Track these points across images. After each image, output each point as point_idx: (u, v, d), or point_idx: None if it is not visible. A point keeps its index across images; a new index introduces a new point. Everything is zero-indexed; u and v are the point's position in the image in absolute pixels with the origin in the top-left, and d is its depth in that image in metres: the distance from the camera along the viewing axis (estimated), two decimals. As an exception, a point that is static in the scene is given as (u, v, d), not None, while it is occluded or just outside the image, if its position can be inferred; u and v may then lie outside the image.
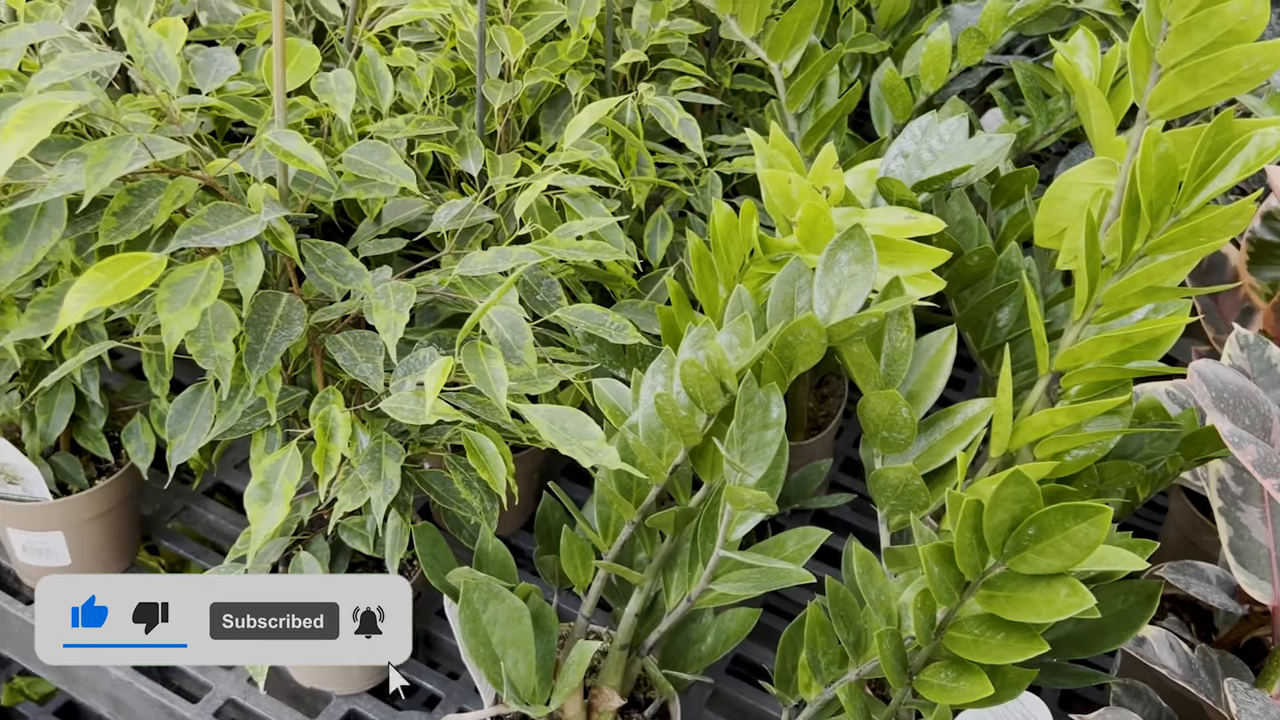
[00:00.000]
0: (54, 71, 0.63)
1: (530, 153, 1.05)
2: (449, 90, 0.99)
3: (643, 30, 1.13)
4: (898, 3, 1.24)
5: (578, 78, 1.02)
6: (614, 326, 0.78)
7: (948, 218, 0.85)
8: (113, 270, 0.61)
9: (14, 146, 0.54)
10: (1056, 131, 1.12)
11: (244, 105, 0.89)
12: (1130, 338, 0.65)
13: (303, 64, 0.73)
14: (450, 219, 0.85)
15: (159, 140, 0.66)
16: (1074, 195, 0.73)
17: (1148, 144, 0.62)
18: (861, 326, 0.66)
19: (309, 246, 0.75)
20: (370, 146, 0.74)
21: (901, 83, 1.13)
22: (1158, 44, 0.65)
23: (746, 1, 1.04)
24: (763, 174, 0.75)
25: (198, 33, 1.03)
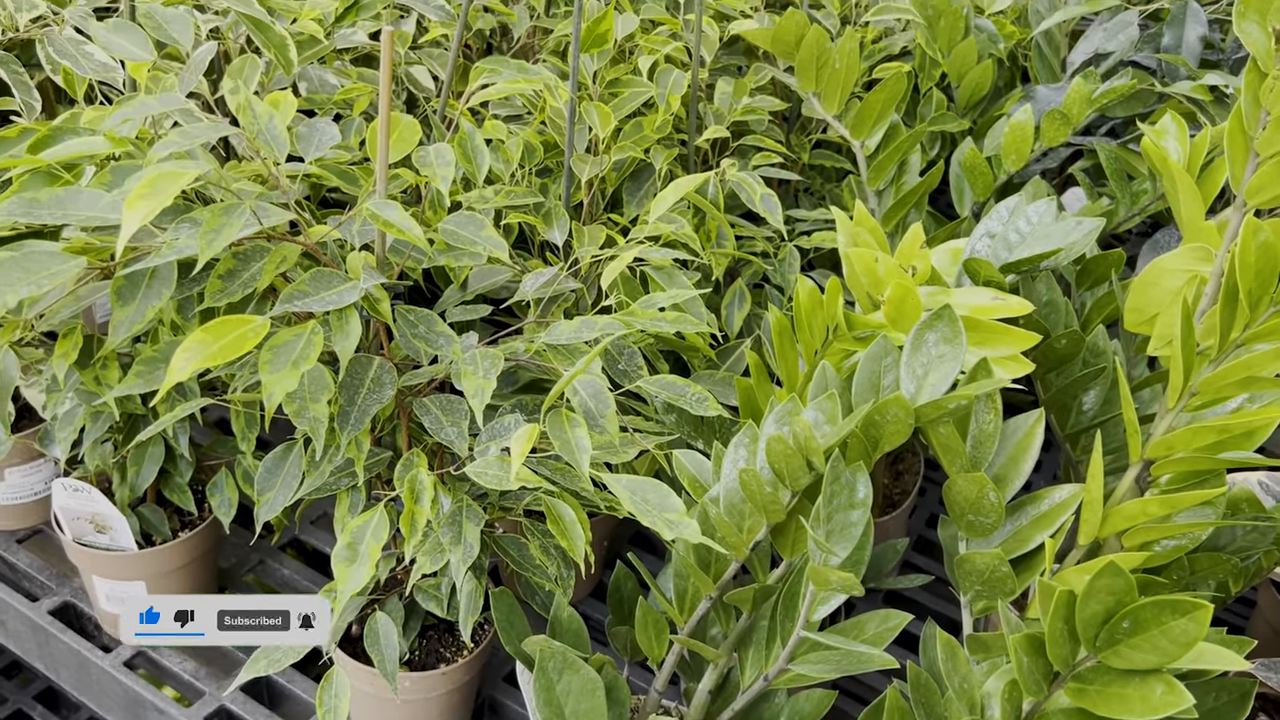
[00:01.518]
0: (173, 141, 0.66)
1: (613, 224, 1.07)
2: (536, 163, 1.02)
3: (725, 106, 1.15)
4: (979, 82, 1.25)
5: (662, 152, 1.04)
6: (695, 398, 0.78)
7: (1034, 299, 0.85)
8: (218, 332, 0.64)
9: (138, 214, 0.57)
10: (1141, 213, 1.11)
11: (341, 173, 0.93)
12: (1227, 428, 0.63)
13: (404, 137, 0.76)
14: (536, 288, 0.87)
15: (266, 207, 0.68)
16: (1166, 281, 0.72)
17: (1247, 233, 0.61)
18: (950, 408, 0.65)
19: (402, 312, 0.77)
20: (465, 218, 0.76)
21: (983, 161, 1.13)
22: (1256, 133, 0.64)
23: (830, 81, 1.06)
24: (848, 252, 0.75)
25: (298, 102, 1.08)
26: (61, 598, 1.10)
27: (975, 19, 1.30)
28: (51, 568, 1.14)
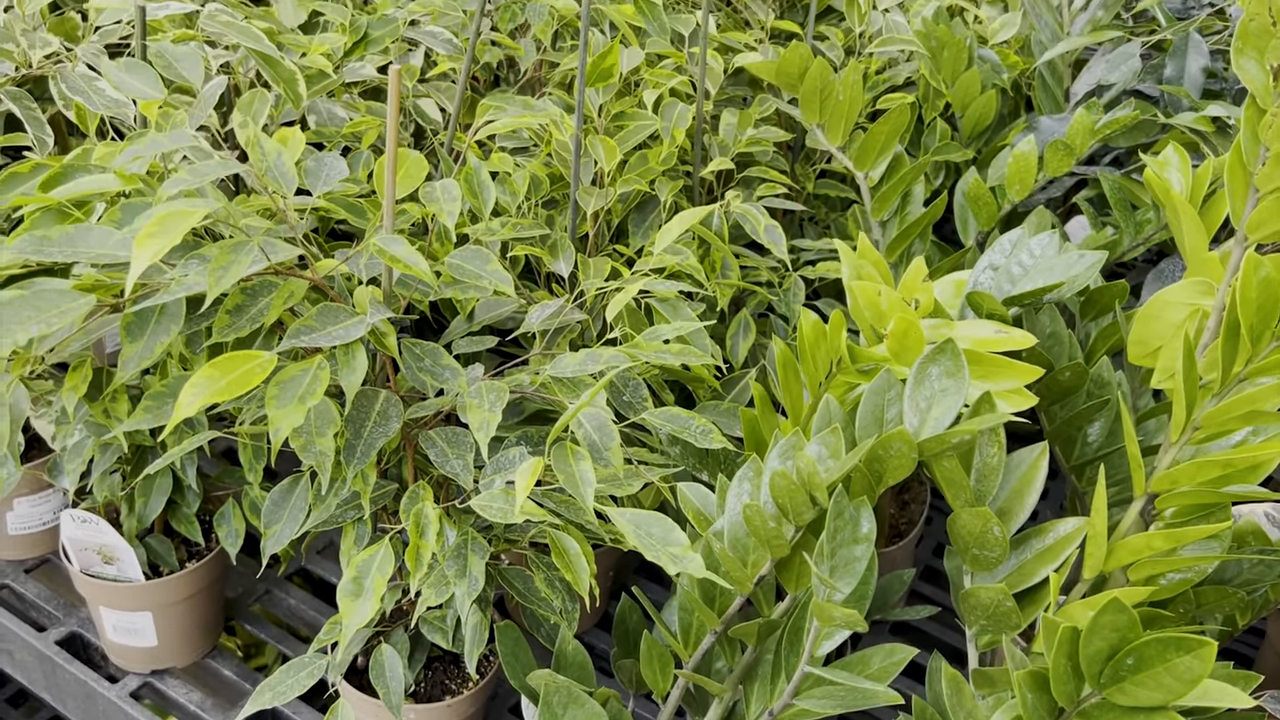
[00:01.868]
0: (182, 179, 0.67)
1: (618, 255, 1.07)
2: (543, 196, 1.02)
3: (729, 138, 1.16)
4: (982, 112, 1.25)
5: (667, 184, 1.05)
6: (699, 430, 0.79)
7: (1037, 331, 0.85)
8: (225, 367, 0.64)
9: (147, 253, 0.58)
10: (1145, 243, 1.11)
11: (349, 206, 0.94)
12: (1231, 463, 0.63)
13: (411, 172, 0.77)
14: (542, 320, 0.88)
15: (274, 243, 0.69)
16: (1168, 314, 0.72)
17: (1248, 268, 0.61)
18: (954, 443, 0.65)
19: (408, 346, 0.78)
20: (472, 252, 0.77)
21: (986, 192, 1.13)
22: (1256, 169, 0.65)
23: (834, 113, 1.06)
24: (852, 285, 0.76)
25: (306, 135, 1.09)
26: (69, 628, 1.11)
27: (979, 49, 1.31)
28: (59, 598, 1.15)
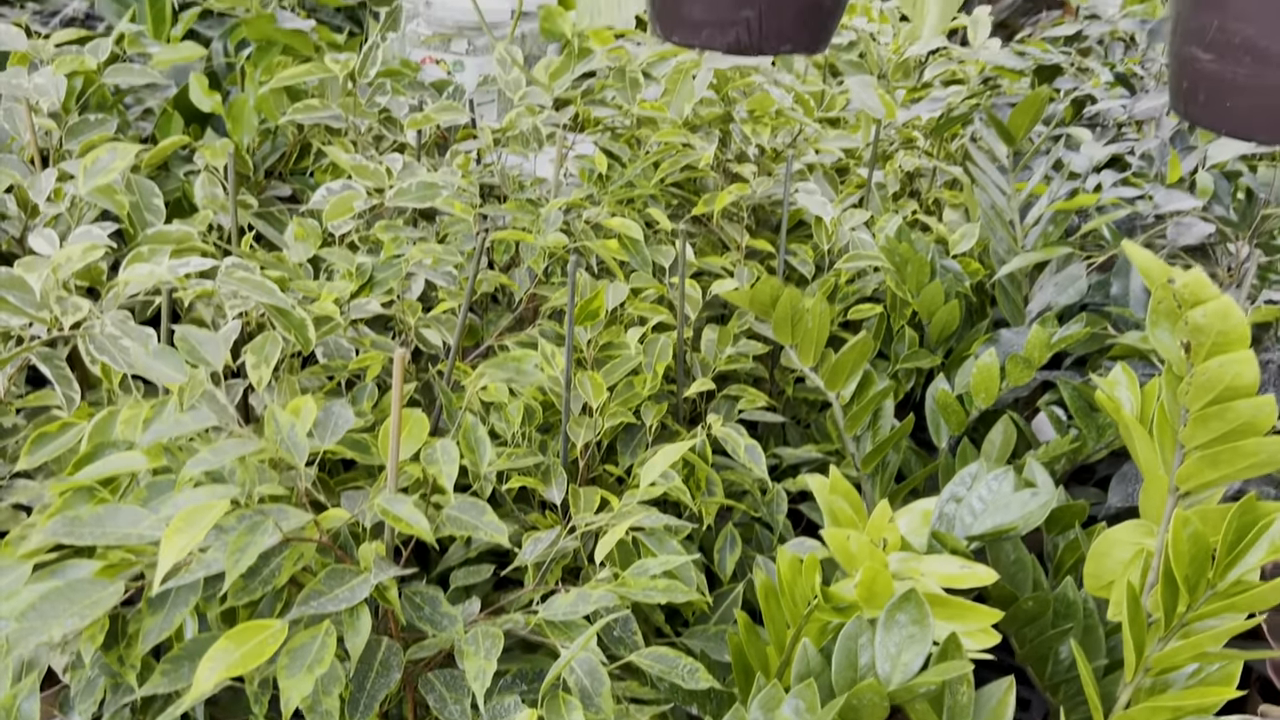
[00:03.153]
0: (204, 458, 0.73)
1: (608, 474, 1.13)
2: (537, 424, 1.09)
3: (710, 355, 1.24)
4: (947, 320, 1.34)
5: (652, 408, 1.12)
6: (686, 670, 0.83)
7: (1002, 559, 0.90)
8: (240, 639, 0.69)
9: (175, 548, 0.63)
10: (1108, 446, 1.18)
11: (354, 444, 1.00)
12: (1180, 708, 0.68)
13: (414, 432, 0.84)
14: (536, 554, 0.93)
15: (285, 512, 0.75)
16: (1116, 552, 0.78)
17: (1178, 525, 0.67)
18: (921, 692, 0.70)
19: (409, 595, 0.83)
20: (468, 504, 0.83)
21: (954, 400, 1.20)
22: (1180, 427, 0.71)
23: (805, 338, 1.14)
24: (825, 533, 0.81)
25: (314, 370, 1.16)
26: None
27: (941, 260, 1.40)
28: (63, 826, 1.15)
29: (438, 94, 1.57)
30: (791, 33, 1.01)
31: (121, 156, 1.08)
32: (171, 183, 1.37)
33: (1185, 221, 1.16)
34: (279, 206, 1.38)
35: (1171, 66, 0.88)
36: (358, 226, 1.32)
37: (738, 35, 1.00)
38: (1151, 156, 1.45)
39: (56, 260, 1.02)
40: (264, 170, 1.46)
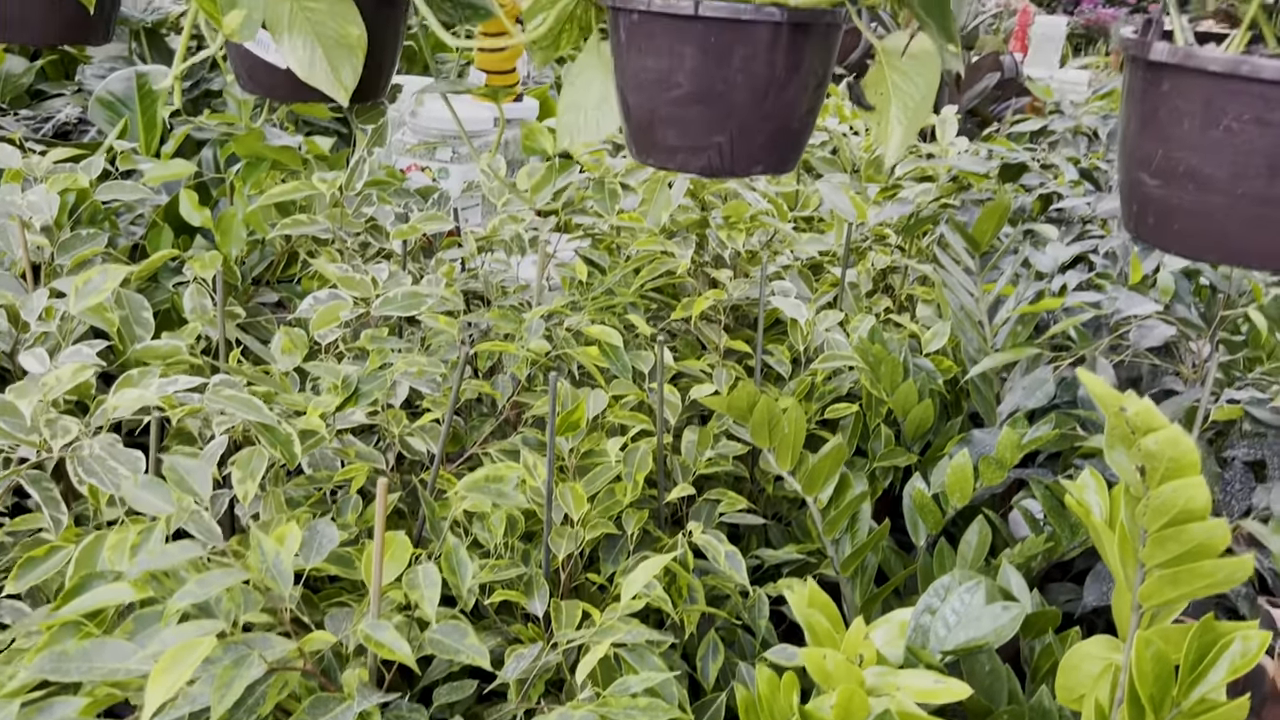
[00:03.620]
0: (191, 590, 0.75)
1: (590, 582, 1.15)
2: (520, 534, 1.11)
3: (690, 458, 1.26)
4: (922, 417, 1.37)
5: (633, 516, 1.14)
6: (669, 791, 0.84)
7: (976, 671, 0.92)
8: (225, 773, 0.70)
9: (161, 689, 0.65)
10: (1081, 545, 1.20)
11: (338, 559, 1.02)
12: (1152, 828, 0.69)
13: (397, 555, 0.85)
14: (518, 672, 0.94)
15: (270, 641, 0.76)
16: (1086, 666, 0.79)
17: (1140, 646, 0.69)
18: (897, 814, 0.71)
19: (392, 717, 0.84)
20: (450, 628, 0.84)
21: (930, 500, 1.23)
22: (1139, 547, 0.74)
23: (781, 443, 1.17)
24: (802, 652, 0.83)
25: (300, 481, 1.18)
26: None
27: (914, 359, 1.44)
28: None
29: (423, 200, 1.61)
30: (762, 156, 1.05)
31: (111, 277, 1.11)
32: (160, 294, 1.40)
33: (1147, 324, 1.20)
34: (266, 315, 1.41)
35: (1122, 189, 0.93)
36: (344, 335, 1.35)
37: (710, 159, 1.04)
38: (1115, 254, 1.50)
39: (47, 381, 1.04)
40: (252, 279, 1.49)
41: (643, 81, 1.02)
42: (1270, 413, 1.16)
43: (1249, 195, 0.81)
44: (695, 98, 1.00)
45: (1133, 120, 0.88)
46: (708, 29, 0.95)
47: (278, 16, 1.17)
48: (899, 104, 1.06)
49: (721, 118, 1.01)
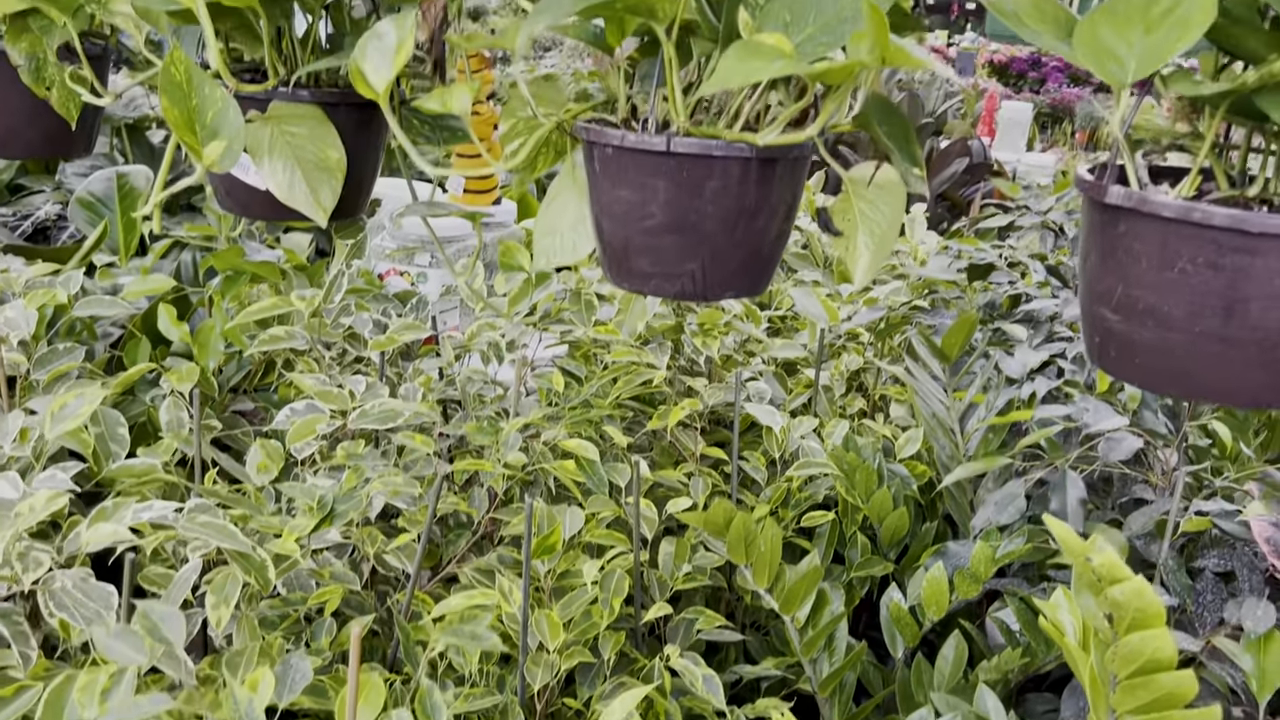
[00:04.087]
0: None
1: (567, 708, 1.14)
2: (495, 659, 1.10)
3: (667, 572, 1.26)
4: (897, 525, 1.38)
5: (610, 639, 1.13)
6: None
7: (955, 804, 0.91)
8: None
9: None
10: (1057, 659, 1.20)
11: (312, 689, 1.01)
12: None
13: (370, 699, 0.85)
14: (493, 809, 0.93)
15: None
16: (1064, 808, 0.79)
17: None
18: None
19: None
20: (425, 772, 0.83)
21: (907, 614, 1.23)
22: (1110, 691, 0.74)
23: (758, 560, 1.17)
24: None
25: (274, 603, 1.17)
26: None
27: (888, 464, 1.45)
28: None
29: (401, 305, 1.63)
30: (734, 281, 1.07)
31: (88, 401, 1.11)
32: (136, 407, 1.40)
33: (1115, 437, 1.22)
34: (244, 427, 1.41)
35: (1084, 320, 0.95)
36: (321, 448, 1.35)
37: (683, 286, 1.06)
38: (1083, 358, 1.52)
39: (20, 510, 1.04)
40: (229, 387, 1.50)
41: (616, 211, 1.04)
42: (1238, 525, 1.18)
43: (1207, 334, 0.83)
44: (668, 228, 1.02)
45: (1092, 255, 0.91)
46: (679, 163, 0.98)
47: (259, 141, 1.19)
48: (866, 231, 1.09)
49: (694, 246, 1.03)
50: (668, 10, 0.93)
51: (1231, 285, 0.81)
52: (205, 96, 1.05)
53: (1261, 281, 0.80)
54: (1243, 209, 0.83)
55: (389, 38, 1.05)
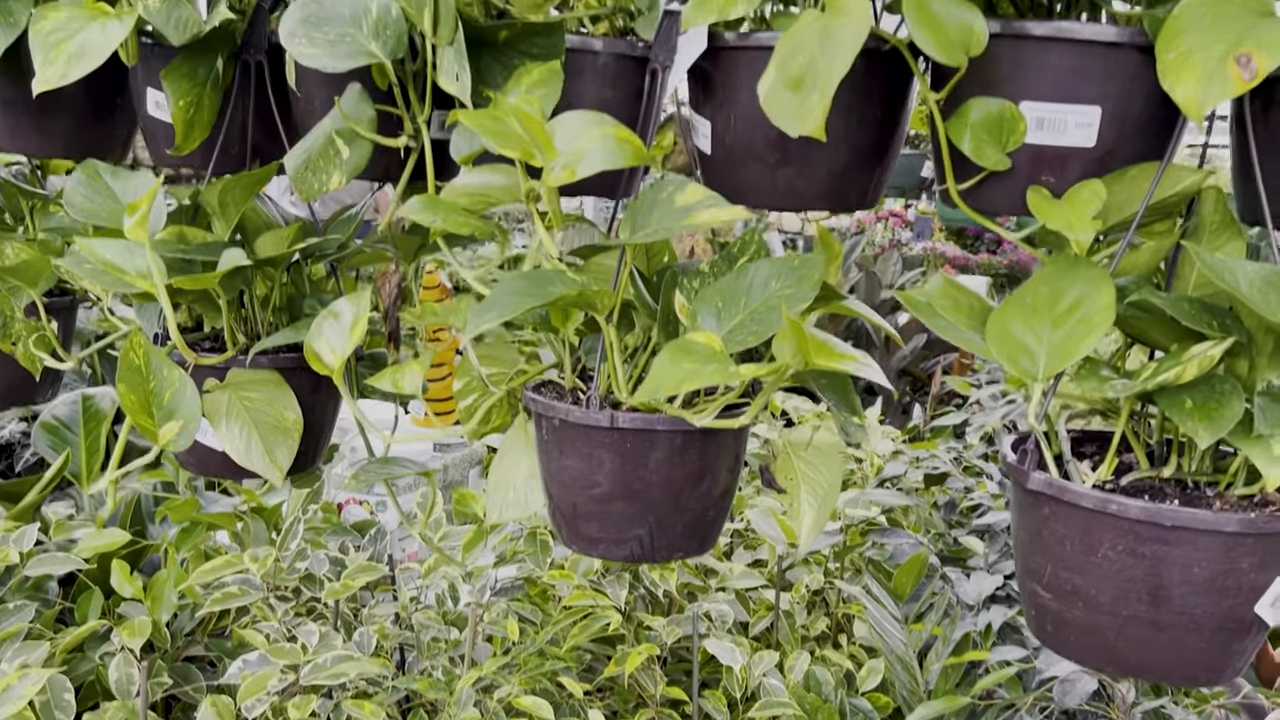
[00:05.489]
0: None
1: None
2: None
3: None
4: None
5: None
6: None
7: None
8: None
9: None
10: None
11: None
12: None
13: None
14: None
15: None
16: None
17: None
18: None
19: None
20: None
21: None
22: None
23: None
24: None
25: None
26: None
27: (850, 700, 1.44)
28: None
29: (359, 536, 1.63)
30: (681, 543, 1.09)
31: (33, 682, 1.10)
32: (85, 665, 1.37)
33: (1070, 679, 1.23)
34: (195, 683, 1.38)
35: (1021, 593, 0.97)
36: (274, 703, 1.33)
37: (631, 549, 1.08)
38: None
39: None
40: (183, 635, 1.48)
41: (564, 479, 1.07)
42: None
43: (1134, 618, 0.85)
44: (614, 496, 1.05)
45: (1022, 533, 0.94)
46: (623, 437, 1.01)
47: (216, 407, 1.22)
48: (808, 490, 1.11)
49: (640, 514, 1.05)
50: (606, 302, 0.98)
51: (1153, 572, 0.83)
52: (163, 378, 1.09)
53: (1182, 569, 0.82)
54: (1158, 496, 0.87)
55: (345, 316, 1.10)
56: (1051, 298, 0.87)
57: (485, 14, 1.08)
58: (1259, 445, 0.77)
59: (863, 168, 1.03)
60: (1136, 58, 0.85)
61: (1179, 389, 0.80)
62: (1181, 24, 0.79)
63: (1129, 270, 0.93)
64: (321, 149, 1.07)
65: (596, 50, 1.05)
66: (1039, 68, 0.88)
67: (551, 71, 0.99)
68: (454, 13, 0.99)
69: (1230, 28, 0.77)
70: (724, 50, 1.00)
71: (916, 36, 0.84)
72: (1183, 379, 0.79)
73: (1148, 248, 0.92)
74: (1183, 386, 0.81)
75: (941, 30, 0.85)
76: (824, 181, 1.02)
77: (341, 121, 1.06)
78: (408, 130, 1.08)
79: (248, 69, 1.22)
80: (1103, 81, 0.87)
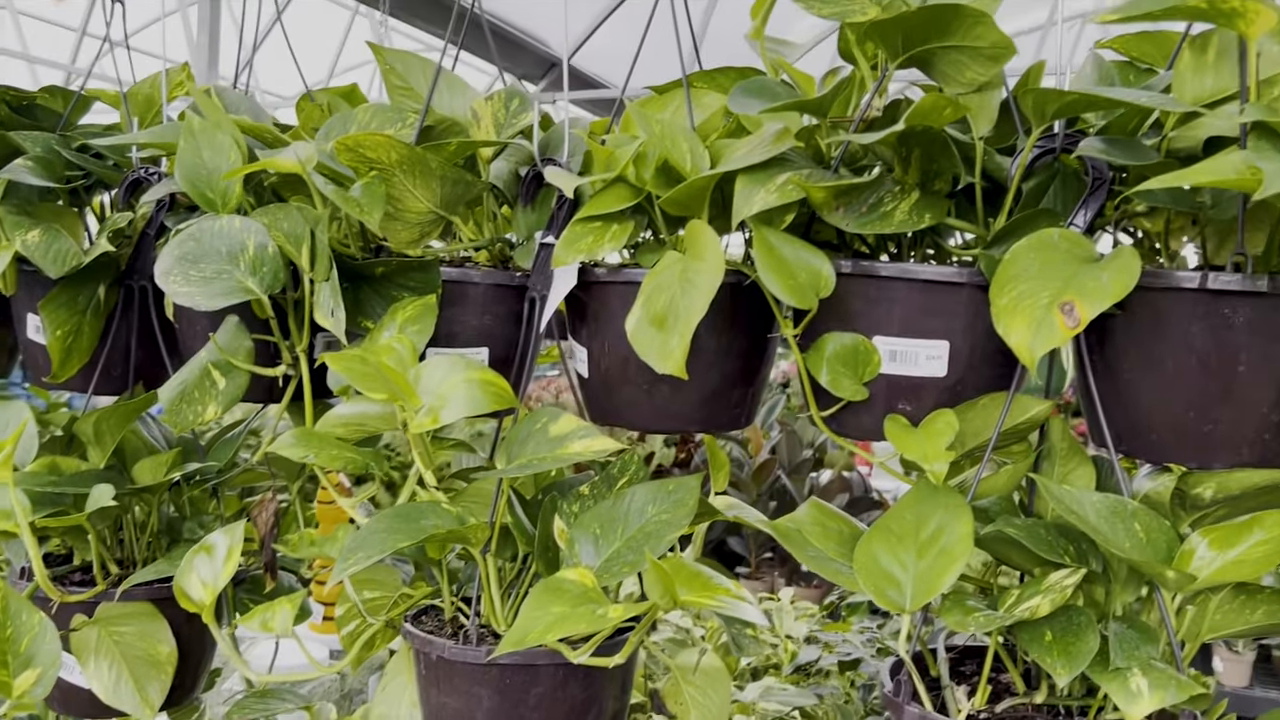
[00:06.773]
0: None
1: None
2: None
3: None
4: None
5: None
6: None
7: None
8: None
9: None
10: None
11: None
12: None
13: None
14: None
15: None
16: None
17: None
18: None
19: None
20: None
21: None
22: None
23: None
24: None
25: None
26: None
27: None
28: None
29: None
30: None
31: None
32: None
33: None
34: None
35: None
36: None
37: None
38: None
39: None
40: None
41: (443, 718, 1.03)
42: None
43: None
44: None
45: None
46: (503, 673, 0.99)
47: (84, 645, 1.17)
48: (698, 715, 1.09)
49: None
50: (480, 536, 0.97)
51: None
52: (21, 623, 1.04)
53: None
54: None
55: (219, 550, 1.07)
56: (915, 524, 0.89)
57: (364, 249, 1.11)
58: (1116, 680, 0.77)
59: (734, 390, 1.06)
60: (979, 295, 0.89)
61: (1039, 621, 0.81)
62: (1012, 269, 0.83)
63: (991, 492, 0.95)
64: (197, 380, 1.07)
65: (476, 281, 1.08)
66: (889, 304, 0.92)
67: (426, 307, 1.01)
68: (329, 252, 1.01)
69: (1055, 275, 0.82)
70: (596, 284, 1.02)
71: (767, 281, 0.88)
72: (1038, 614, 0.80)
73: (1006, 470, 0.95)
74: (1043, 619, 0.82)
75: (791, 275, 0.88)
76: (697, 405, 1.04)
77: (217, 354, 1.06)
78: (286, 360, 1.08)
79: (131, 294, 1.23)
80: (949, 317, 0.91)
